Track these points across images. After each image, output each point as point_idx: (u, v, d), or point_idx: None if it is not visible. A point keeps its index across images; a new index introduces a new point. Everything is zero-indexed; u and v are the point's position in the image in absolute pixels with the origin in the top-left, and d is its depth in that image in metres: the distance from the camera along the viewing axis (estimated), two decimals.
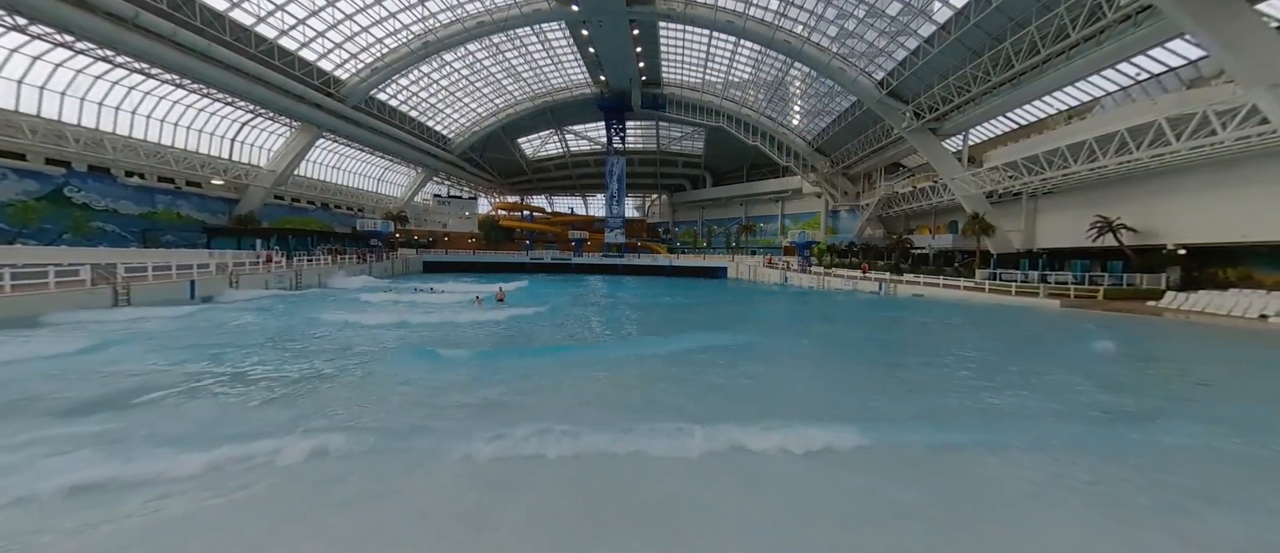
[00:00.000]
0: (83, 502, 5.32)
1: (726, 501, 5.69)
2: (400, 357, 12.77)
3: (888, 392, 10.81)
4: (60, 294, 18.06)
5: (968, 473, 6.62)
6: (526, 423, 7.41)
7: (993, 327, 20.41)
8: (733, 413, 8.43)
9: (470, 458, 6.51)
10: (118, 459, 6.07)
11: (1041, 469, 6.61)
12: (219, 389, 9.80)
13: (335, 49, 37.12)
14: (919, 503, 5.64)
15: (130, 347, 13.13)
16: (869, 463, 6.69)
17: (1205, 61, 23.05)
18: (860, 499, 5.78)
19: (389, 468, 6.32)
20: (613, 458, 6.62)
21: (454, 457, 6.54)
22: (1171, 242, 25.51)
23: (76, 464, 5.91)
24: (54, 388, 9.53)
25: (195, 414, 8.40)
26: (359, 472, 6.17)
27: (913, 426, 8.20)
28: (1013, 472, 6.59)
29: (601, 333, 18.47)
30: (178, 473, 5.87)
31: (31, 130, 27.05)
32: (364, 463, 6.42)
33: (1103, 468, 6.69)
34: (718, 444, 6.91)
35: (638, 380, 11.09)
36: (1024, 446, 7.37)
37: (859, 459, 6.75)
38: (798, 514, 5.46)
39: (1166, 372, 13.40)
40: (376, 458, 6.57)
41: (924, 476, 6.41)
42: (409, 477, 6.15)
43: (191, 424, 7.92)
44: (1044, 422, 8.57)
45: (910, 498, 5.73)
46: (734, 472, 6.40)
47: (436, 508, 5.47)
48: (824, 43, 37.05)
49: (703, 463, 6.54)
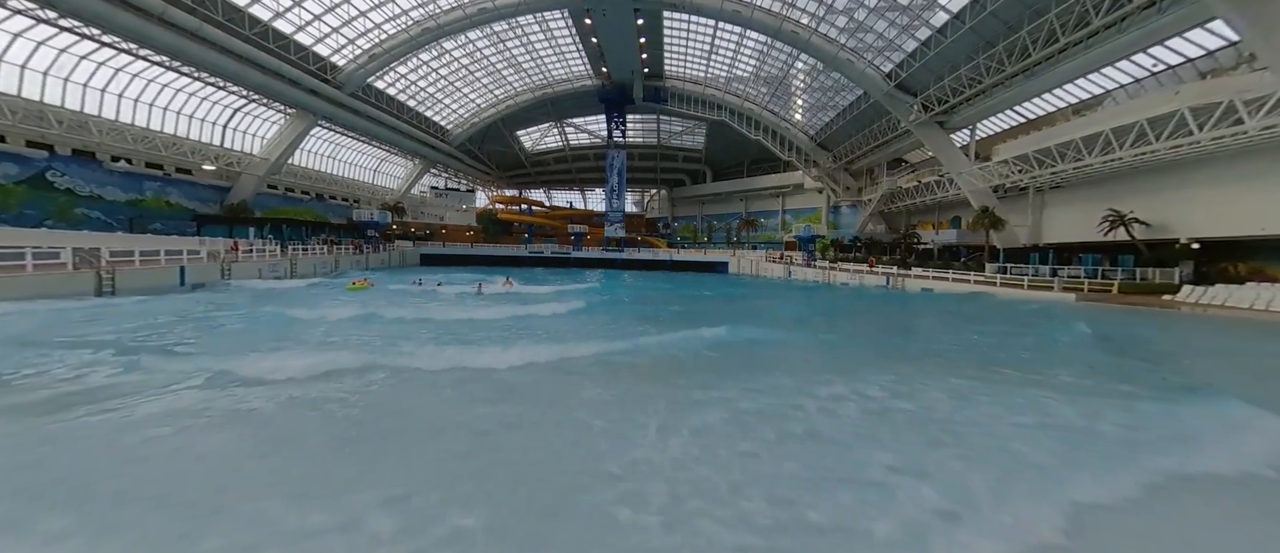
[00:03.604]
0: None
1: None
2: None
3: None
4: (37, 278, 17.10)
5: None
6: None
7: (1036, 321, 19.36)
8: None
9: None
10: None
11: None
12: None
13: (332, 33, 36.06)
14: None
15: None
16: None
17: (1224, 52, 22.65)
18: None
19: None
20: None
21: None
22: (1185, 236, 25.13)
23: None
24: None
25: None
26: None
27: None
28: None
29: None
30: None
31: (11, 111, 25.86)
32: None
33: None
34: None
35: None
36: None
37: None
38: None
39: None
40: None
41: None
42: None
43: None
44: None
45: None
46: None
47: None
48: (832, 34, 36.46)
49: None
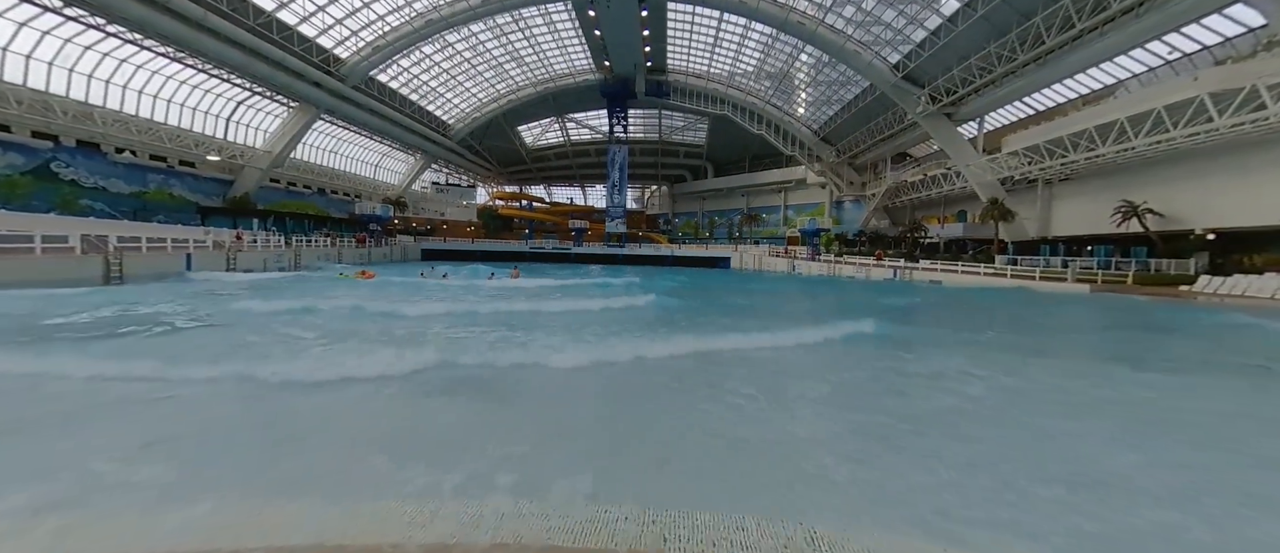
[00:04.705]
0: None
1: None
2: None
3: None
4: (45, 260, 16.88)
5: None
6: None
7: (1055, 309, 19.14)
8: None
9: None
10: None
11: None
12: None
13: (336, 25, 35.83)
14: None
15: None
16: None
17: (1242, 38, 22.43)
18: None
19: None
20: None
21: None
22: (1200, 227, 24.90)
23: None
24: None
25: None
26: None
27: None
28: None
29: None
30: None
31: (17, 100, 25.64)
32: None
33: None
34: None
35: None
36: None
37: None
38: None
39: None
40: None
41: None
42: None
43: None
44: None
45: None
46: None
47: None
48: (838, 25, 36.23)
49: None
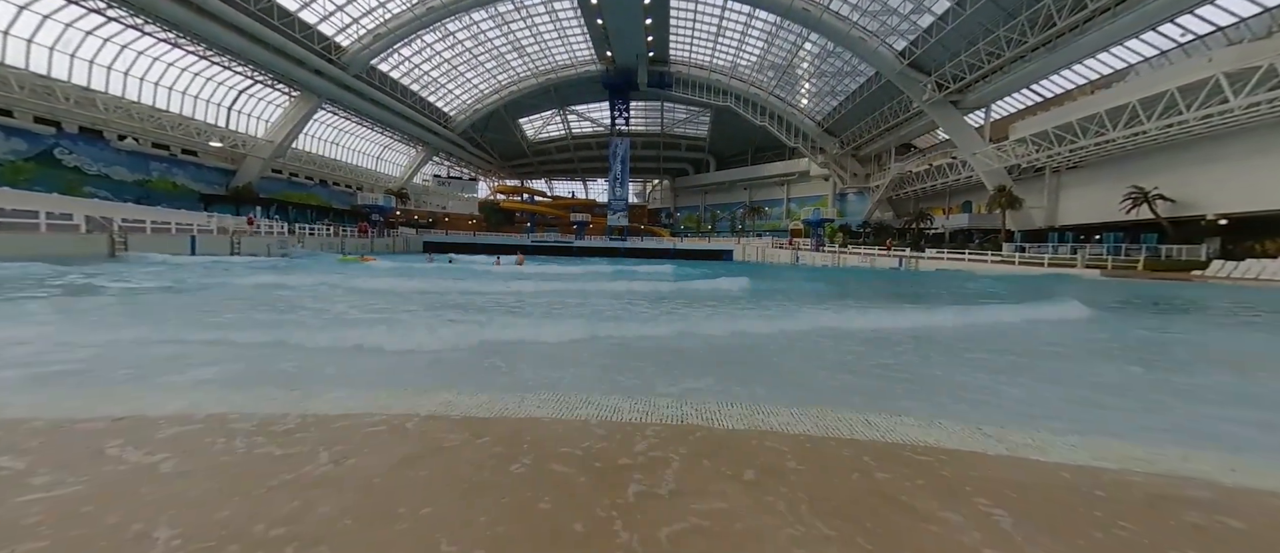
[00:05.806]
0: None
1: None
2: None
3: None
4: (50, 237, 16.74)
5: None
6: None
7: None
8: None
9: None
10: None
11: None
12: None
13: (337, 12, 35.59)
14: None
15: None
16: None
17: (1258, 19, 22.21)
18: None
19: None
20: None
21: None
22: (1212, 212, 24.76)
23: None
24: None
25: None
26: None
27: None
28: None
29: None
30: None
31: (19, 85, 25.41)
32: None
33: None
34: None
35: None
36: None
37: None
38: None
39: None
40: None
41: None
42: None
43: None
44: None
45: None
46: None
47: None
48: (844, 11, 35.98)
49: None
